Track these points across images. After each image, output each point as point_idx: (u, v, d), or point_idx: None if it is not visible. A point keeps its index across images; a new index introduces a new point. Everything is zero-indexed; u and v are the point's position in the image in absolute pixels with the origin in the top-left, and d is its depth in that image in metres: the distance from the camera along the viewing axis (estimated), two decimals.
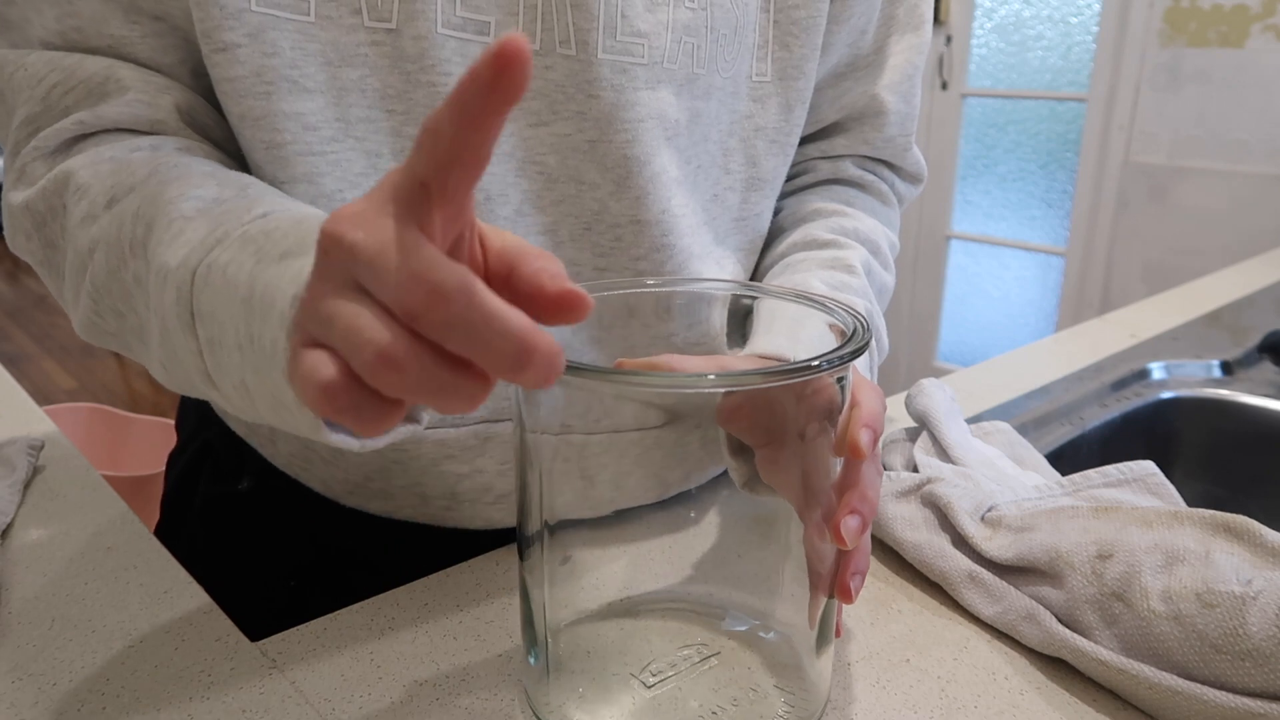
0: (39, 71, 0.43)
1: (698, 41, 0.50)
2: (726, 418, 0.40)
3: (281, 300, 0.31)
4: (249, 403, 0.35)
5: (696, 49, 0.50)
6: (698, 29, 0.50)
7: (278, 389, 0.32)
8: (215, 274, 0.34)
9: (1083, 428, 0.79)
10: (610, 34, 0.47)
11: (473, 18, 0.44)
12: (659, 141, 0.50)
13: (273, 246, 0.33)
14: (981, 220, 2.89)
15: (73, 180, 0.42)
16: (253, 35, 0.42)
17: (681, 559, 0.45)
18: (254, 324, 0.32)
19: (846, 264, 0.56)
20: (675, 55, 0.49)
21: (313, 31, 0.43)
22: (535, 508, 0.39)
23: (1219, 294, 1.19)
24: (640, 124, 0.49)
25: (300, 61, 0.43)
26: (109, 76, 0.43)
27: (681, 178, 0.52)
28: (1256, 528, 0.46)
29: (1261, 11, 2.16)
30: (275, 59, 0.43)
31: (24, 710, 0.41)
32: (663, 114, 0.49)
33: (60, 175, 0.42)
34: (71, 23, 0.43)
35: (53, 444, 0.68)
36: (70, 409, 1.84)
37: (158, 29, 0.44)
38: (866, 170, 0.66)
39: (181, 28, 0.44)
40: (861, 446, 0.37)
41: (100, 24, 0.43)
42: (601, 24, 0.46)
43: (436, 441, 0.52)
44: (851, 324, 0.38)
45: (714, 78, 0.51)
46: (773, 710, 0.40)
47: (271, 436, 0.57)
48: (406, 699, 0.42)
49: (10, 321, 4.21)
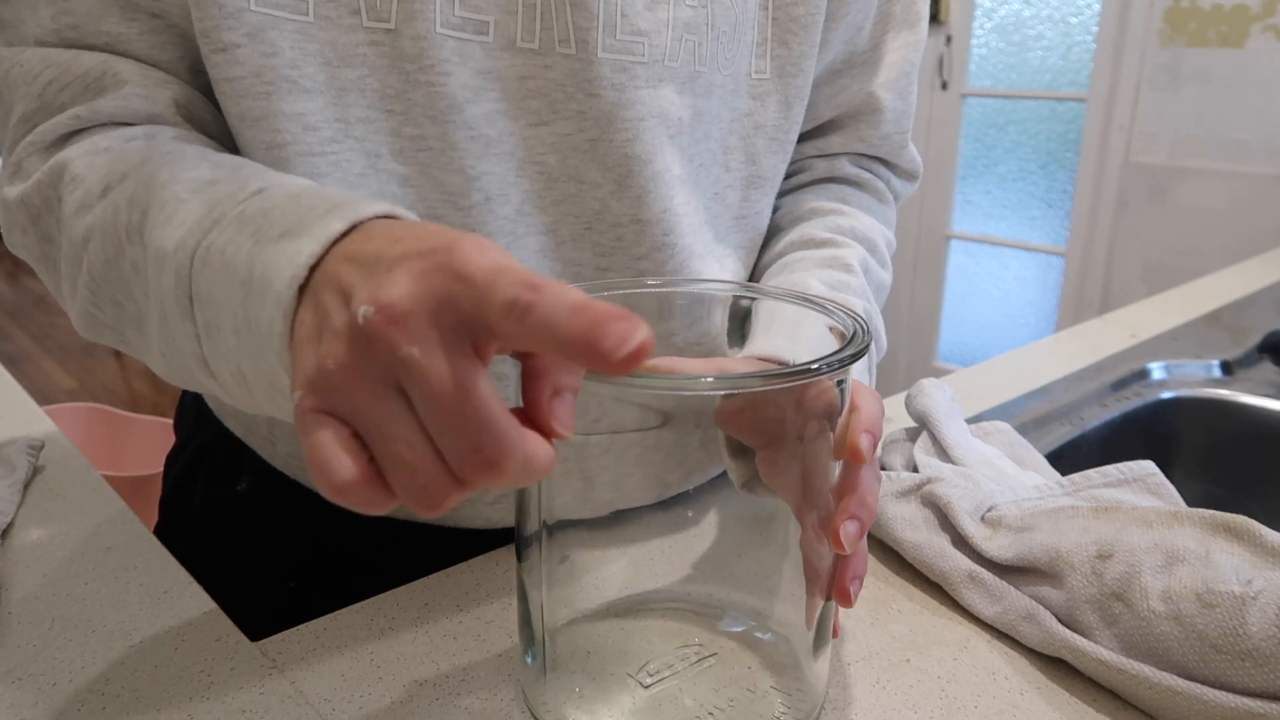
0: (34, 68, 0.43)
1: (699, 39, 0.50)
2: (726, 419, 0.40)
3: (279, 281, 0.30)
4: (246, 391, 0.35)
5: (698, 46, 0.50)
6: (699, 26, 0.49)
7: (274, 375, 0.32)
8: (214, 256, 0.34)
9: (1083, 428, 0.79)
10: (610, 33, 0.47)
11: (471, 17, 0.44)
12: (661, 140, 0.50)
13: (270, 226, 0.33)
14: (981, 220, 2.89)
15: (67, 171, 0.42)
16: (252, 35, 0.42)
17: (680, 559, 0.45)
18: (251, 306, 0.32)
19: (844, 263, 0.56)
20: (676, 53, 0.49)
21: (311, 31, 0.43)
22: (533, 508, 0.39)
23: (1219, 294, 1.19)
24: (641, 123, 0.49)
25: (300, 61, 0.43)
26: (105, 71, 0.43)
27: (684, 176, 0.52)
28: (1256, 528, 0.46)
29: (1261, 11, 2.16)
30: (275, 59, 0.42)
31: (24, 710, 0.41)
32: (664, 113, 0.49)
33: (55, 167, 0.42)
34: (67, 20, 0.43)
35: (53, 444, 0.68)
36: (70, 409, 1.84)
37: (155, 25, 0.44)
38: (863, 168, 0.66)
39: (179, 25, 0.44)
40: (862, 450, 0.37)
41: (97, 21, 0.43)
42: (601, 23, 0.46)
43: None
44: (851, 327, 0.38)
45: (715, 75, 0.51)
46: (770, 710, 0.40)
47: (270, 437, 0.57)
48: (406, 699, 0.42)
49: (10, 321, 4.21)
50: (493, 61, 0.45)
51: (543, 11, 0.45)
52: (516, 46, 0.46)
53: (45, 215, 0.43)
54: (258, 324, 0.31)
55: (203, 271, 0.34)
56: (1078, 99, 2.56)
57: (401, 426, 0.27)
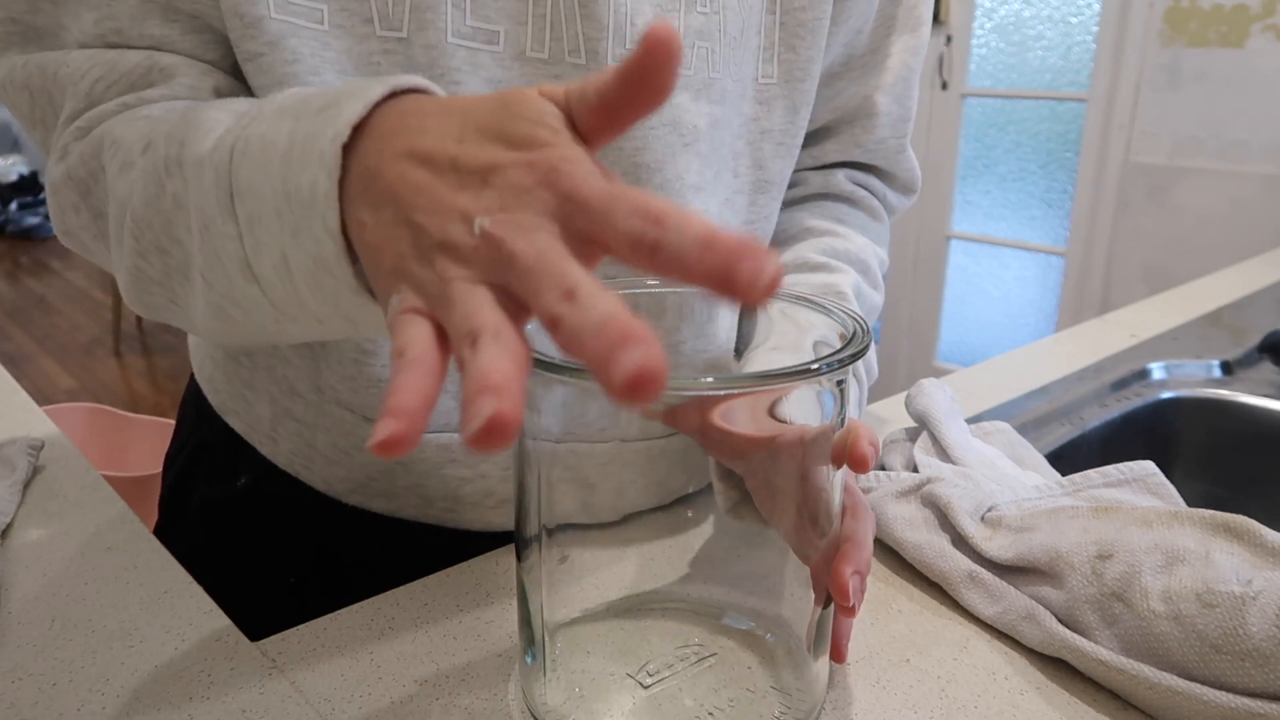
0: (81, 67, 0.43)
1: (711, 45, 0.50)
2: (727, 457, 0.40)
3: (321, 140, 0.30)
4: (289, 285, 0.34)
5: (711, 53, 0.50)
6: (710, 32, 0.49)
7: (319, 246, 0.31)
8: (253, 145, 0.33)
9: (1083, 428, 0.79)
10: (620, 42, 0.46)
11: (482, 27, 0.45)
12: (673, 148, 0.49)
13: (307, 106, 0.32)
14: (981, 220, 2.89)
15: (107, 138, 0.42)
16: (273, 44, 0.42)
17: (679, 559, 0.45)
18: (291, 176, 0.31)
19: (837, 290, 0.57)
20: (689, 60, 0.49)
21: (328, 40, 0.43)
22: (533, 510, 0.39)
23: (1219, 294, 1.19)
24: (651, 131, 0.48)
25: (320, 69, 0.43)
26: (152, 66, 0.43)
27: (700, 184, 0.52)
28: (1256, 528, 0.46)
29: (1261, 11, 2.16)
30: (296, 66, 0.43)
31: (24, 710, 0.41)
32: (677, 120, 0.49)
33: (96, 137, 0.42)
34: (110, 25, 0.43)
35: (53, 444, 0.68)
36: (70, 409, 1.84)
37: (195, 26, 0.44)
38: (858, 185, 0.66)
39: (216, 28, 0.44)
40: (866, 457, 0.38)
41: (139, 24, 0.43)
42: (611, 32, 0.46)
43: (440, 446, 0.52)
44: (851, 327, 0.38)
45: (726, 81, 0.51)
46: (770, 710, 0.40)
47: (273, 434, 0.57)
48: (406, 699, 0.42)
49: (10, 321, 4.21)
50: (503, 71, 0.46)
51: (552, 21, 0.45)
52: (526, 56, 0.46)
53: (94, 188, 0.43)
54: (299, 192, 0.30)
55: (242, 163, 0.33)
56: (1078, 99, 2.56)
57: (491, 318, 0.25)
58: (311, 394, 0.53)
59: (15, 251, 5.58)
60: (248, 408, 0.58)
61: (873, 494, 0.57)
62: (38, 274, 5.05)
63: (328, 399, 0.53)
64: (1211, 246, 2.32)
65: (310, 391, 0.53)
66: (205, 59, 0.45)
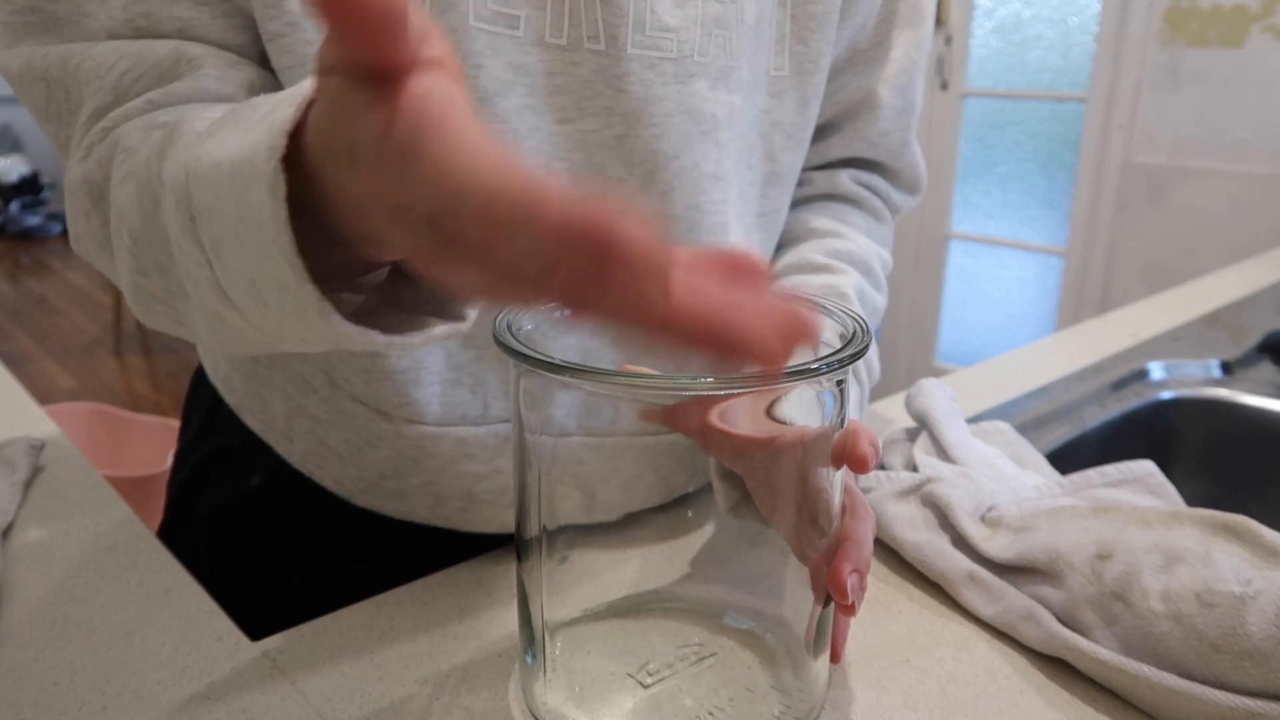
0: (107, 60, 0.42)
1: (729, 34, 0.50)
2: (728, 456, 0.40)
3: (258, 156, 0.27)
4: (262, 308, 0.32)
5: (729, 42, 0.50)
6: (728, 21, 0.49)
7: (278, 271, 0.28)
8: (204, 163, 0.31)
9: (1083, 428, 0.79)
10: (640, 29, 0.46)
11: (503, 10, 0.44)
12: (691, 136, 0.49)
13: (253, 112, 0.30)
14: (981, 220, 2.89)
15: (121, 143, 0.40)
16: (294, 24, 0.42)
17: (680, 559, 0.45)
18: (242, 197, 0.28)
19: (840, 292, 0.57)
20: (706, 48, 0.49)
21: None
22: (534, 508, 0.39)
23: (1219, 294, 1.19)
24: (669, 119, 0.48)
25: None
26: (180, 57, 0.42)
27: (717, 173, 0.52)
28: (1256, 528, 0.46)
29: (1261, 12, 2.16)
30: (315, 47, 0.42)
31: (24, 710, 0.41)
32: (695, 109, 0.49)
33: (113, 140, 0.41)
34: (139, 8, 0.42)
35: (53, 444, 0.68)
36: (70, 409, 1.84)
37: (226, 9, 0.44)
38: (862, 185, 0.66)
39: (246, 10, 0.44)
40: (867, 457, 0.38)
41: (169, 7, 0.43)
42: (631, 19, 0.46)
43: (456, 439, 0.52)
44: (852, 327, 0.38)
45: (743, 70, 0.51)
46: (770, 710, 0.40)
47: (288, 432, 0.57)
48: (407, 699, 0.42)
49: (10, 321, 4.21)
50: (523, 56, 0.46)
51: (572, 7, 0.45)
52: (545, 42, 0.46)
53: (106, 194, 0.42)
54: (249, 212, 0.28)
55: (197, 185, 0.32)
56: (1077, 99, 2.56)
57: None
58: (325, 389, 0.53)
59: (15, 251, 5.58)
60: (264, 405, 0.57)
61: (873, 494, 0.57)
62: (38, 274, 5.05)
63: (341, 394, 0.53)
64: (1211, 246, 2.32)
65: (324, 386, 0.53)
66: (234, 44, 0.44)
